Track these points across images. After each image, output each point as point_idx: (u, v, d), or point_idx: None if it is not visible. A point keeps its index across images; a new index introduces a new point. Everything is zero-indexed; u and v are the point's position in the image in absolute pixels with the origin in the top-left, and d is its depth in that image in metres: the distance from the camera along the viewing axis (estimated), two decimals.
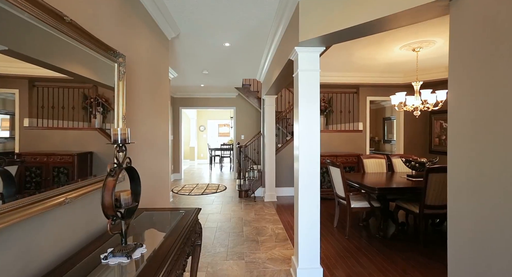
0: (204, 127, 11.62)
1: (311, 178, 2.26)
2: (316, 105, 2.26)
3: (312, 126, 2.25)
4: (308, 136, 2.25)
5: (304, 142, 2.25)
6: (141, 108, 2.14)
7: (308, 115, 2.25)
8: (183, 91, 7.26)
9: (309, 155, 2.26)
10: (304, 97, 2.25)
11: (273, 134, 5.13)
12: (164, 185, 2.81)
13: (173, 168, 7.42)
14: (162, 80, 2.79)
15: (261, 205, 4.79)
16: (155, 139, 2.52)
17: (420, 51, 3.46)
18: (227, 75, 5.25)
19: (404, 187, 2.97)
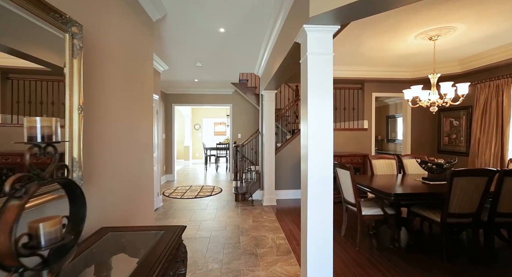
0: (199, 126, 11.18)
1: (323, 185, 1.88)
2: (328, 96, 1.87)
3: (324, 122, 1.87)
4: (319, 135, 1.86)
5: (314, 142, 1.86)
6: (112, 99, 1.73)
7: (319, 109, 1.86)
8: (176, 87, 6.83)
9: (320, 158, 1.87)
10: (314, 87, 1.86)
11: (272, 133, 4.74)
12: (145, 192, 2.40)
13: (165, 169, 7.00)
14: (145, 69, 2.37)
15: (260, 209, 4.40)
16: (134, 137, 2.11)
17: (438, 40, 3.09)
18: (222, 68, 4.85)
19: (424, 192, 2.60)
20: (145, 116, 2.41)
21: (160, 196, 4.59)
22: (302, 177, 2.00)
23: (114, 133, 1.76)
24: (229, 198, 5.15)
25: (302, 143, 2.00)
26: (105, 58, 1.64)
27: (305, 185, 1.91)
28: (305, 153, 1.91)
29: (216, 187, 6.15)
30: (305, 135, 1.93)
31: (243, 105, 7.22)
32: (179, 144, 10.80)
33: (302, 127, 2.01)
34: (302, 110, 2.01)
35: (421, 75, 4.59)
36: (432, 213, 2.68)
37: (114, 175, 1.75)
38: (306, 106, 1.89)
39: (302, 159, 2.01)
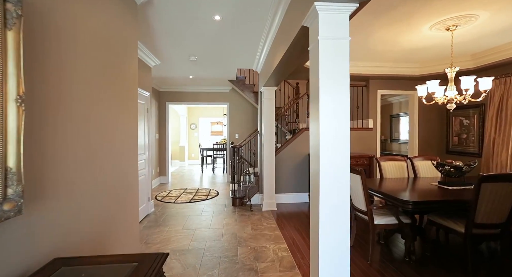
0: (195, 125, 10.84)
1: (337, 196, 1.57)
2: (344, 89, 1.56)
3: (339, 120, 1.56)
4: (333, 135, 1.55)
5: (327, 144, 1.55)
6: (79, 93, 1.40)
7: (333, 104, 1.55)
8: (170, 84, 6.49)
9: (334, 163, 1.56)
10: (327, 78, 1.54)
11: (272, 132, 4.43)
12: (127, 206, 2.06)
13: (159, 170, 6.65)
14: (127, 60, 2.05)
15: (259, 215, 4.09)
16: (111, 139, 1.78)
17: (456, 30, 2.80)
18: (218, 63, 4.52)
19: (446, 200, 2.31)
20: (129, 115, 2.08)
21: (151, 201, 4.25)
22: (312, 186, 1.69)
23: (81, 134, 1.43)
24: (226, 202, 4.83)
25: (311, 144, 1.69)
26: (68, 40, 1.31)
27: (316, 195, 1.60)
28: (316, 157, 1.60)
29: (213, 190, 5.83)
30: (315, 135, 1.62)
31: (241, 103, 6.90)
32: (175, 144, 10.46)
33: (311, 126, 1.70)
34: (311, 105, 1.70)
35: (430, 71, 4.31)
36: (454, 222, 2.39)
37: (79, 187, 1.42)
38: (316, 101, 1.58)
39: (311, 163, 1.70)
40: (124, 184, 2.00)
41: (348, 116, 1.56)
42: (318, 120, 1.55)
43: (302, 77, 5.00)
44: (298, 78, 5.15)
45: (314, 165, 1.63)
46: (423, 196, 2.43)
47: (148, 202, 4.11)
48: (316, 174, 1.61)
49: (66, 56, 1.29)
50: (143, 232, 3.37)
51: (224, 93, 6.91)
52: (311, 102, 1.70)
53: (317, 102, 1.58)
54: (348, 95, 1.55)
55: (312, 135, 1.68)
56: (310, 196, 1.72)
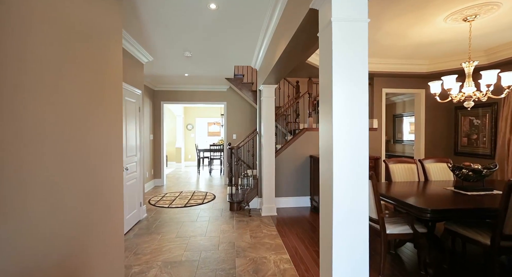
0: (192, 126, 10.57)
1: (356, 205, 1.31)
2: (363, 80, 1.31)
3: (356, 116, 1.31)
4: (349, 134, 1.30)
5: (342, 145, 1.29)
6: (44, 86, 1.14)
7: (350, 97, 1.30)
8: (165, 83, 6.22)
9: (350, 167, 1.30)
10: (342, 67, 1.30)
11: (272, 133, 4.17)
12: (107, 225, 1.79)
13: (153, 173, 6.37)
14: (107, 50, 1.78)
15: (258, 221, 3.83)
16: (87, 143, 1.52)
17: (475, 21, 2.57)
18: (215, 59, 4.27)
19: (470, 208, 2.06)
20: (111, 113, 1.82)
21: (143, 207, 3.97)
22: (323, 194, 1.43)
23: (44, 137, 1.17)
24: (223, 207, 4.56)
25: (322, 147, 1.44)
26: (21, 20, 1.05)
27: (327, 205, 1.35)
28: (327, 162, 1.35)
29: (209, 193, 5.56)
30: (326, 137, 1.37)
31: (239, 103, 6.65)
32: (171, 145, 10.18)
33: (321, 126, 1.44)
34: (321, 102, 1.45)
35: (440, 68, 4.09)
36: (476, 232, 2.15)
37: (37, 204, 1.15)
38: (328, 97, 1.33)
39: (321, 169, 1.45)
40: (104, 193, 1.73)
41: (367, 114, 1.31)
42: (331, 119, 1.30)
43: (303, 75, 4.77)
44: (298, 76, 4.91)
45: (325, 171, 1.38)
46: (441, 203, 2.18)
47: (139, 208, 3.83)
48: (327, 182, 1.35)
49: (17, 36, 1.03)
50: (133, 241, 3.10)
51: (221, 92, 6.66)
52: (321, 98, 1.45)
53: (328, 98, 1.33)
54: (367, 89, 1.30)
55: (322, 136, 1.43)
56: (321, 205, 1.46)
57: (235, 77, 5.62)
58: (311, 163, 4.49)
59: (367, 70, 1.30)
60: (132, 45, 3.44)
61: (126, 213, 3.34)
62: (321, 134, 1.45)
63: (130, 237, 3.22)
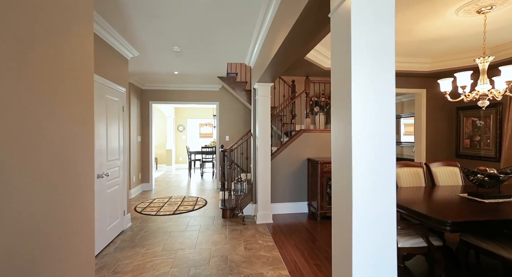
0: (183, 127, 10.21)
1: (378, 224, 1.05)
2: (389, 70, 1.05)
3: (382, 114, 1.04)
4: (373, 136, 1.04)
5: (364, 149, 1.03)
6: None
7: (373, 91, 1.04)
8: (154, 82, 5.88)
9: (375, 176, 1.04)
10: (364, 52, 1.03)
11: (268, 134, 3.91)
12: (69, 238, 1.47)
13: (141, 177, 6.01)
14: (71, 33, 1.48)
15: (253, 230, 3.54)
16: (39, 149, 1.21)
17: (490, 12, 2.37)
18: (206, 55, 3.97)
19: (497, 220, 1.82)
20: (76, 113, 1.51)
21: (127, 215, 3.63)
22: (336, 208, 1.16)
23: None
24: (215, 214, 4.26)
25: (335, 148, 1.17)
26: None
27: (345, 221, 1.08)
28: (344, 169, 1.08)
29: (200, 199, 5.24)
30: (342, 137, 1.10)
31: (232, 103, 6.36)
32: (161, 147, 9.80)
33: (335, 126, 1.18)
34: (334, 97, 1.18)
35: (443, 67, 3.91)
36: (499, 246, 1.92)
37: None
38: (345, 90, 1.07)
39: (335, 177, 1.18)
40: (67, 208, 1.41)
41: (394, 110, 1.05)
42: (348, 117, 1.04)
43: (299, 73, 4.53)
44: (295, 74, 4.67)
45: (340, 180, 1.11)
46: (461, 214, 1.94)
47: (123, 217, 3.49)
48: (344, 194, 1.08)
49: None
50: (113, 256, 2.77)
51: (214, 91, 6.36)
52: (334, 93, 1.18)
53: (345, 91, 1.07)
54: (394, 78, 1.04)
55: (336, 139, 1.16)
56: (334, 222, 1.20)
57: (228, 75, 5.33)
58: (309, 166, 4.24)
59: (394, 56, 1.04)
60: (114, 37, 3.11)
61: (107, 224, 2.99)
62: (334, 136, 1.18)
63: (110, 251, 2.88)
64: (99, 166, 2.82)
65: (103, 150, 2.93)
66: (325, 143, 4.36)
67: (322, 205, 3.89)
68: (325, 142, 4.36)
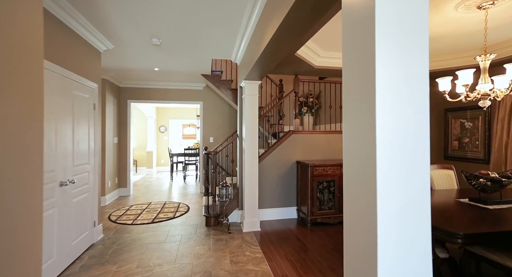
0: (165, 128, 9.74)
1: (414, 239, 0.82)
2: (423, 53, 0.83)
3: (414, 109, 0.82)
4: (403, 136, 0.82)
5: (392, 152, 0.80)
6: None
7: (405, 79, 0.81)
8: (132, 79, 5.46)
9: (406, 183, 0.82)
10: (391, 30, 0.80)
11: (255, 136, 3.66)
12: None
13: (118, 181, 5.55)
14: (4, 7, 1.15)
15: (239, 240, 3.27)
16: None
17: (491, 8, 2.26)
18: (189, 49, 3.66)
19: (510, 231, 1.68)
20: (16, 109, 1.18)
21: (99, 226, 3.24)
22: (351, 224, 0.93)
23: None
24: (197, 222, 3.94)
25: (350, 153, 0.94)
26: None
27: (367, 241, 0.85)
28: (364, 176, 0.85)
29: (182, 205, 4.89)
30: (361, 139, 0.87)
31: (217, 103, 6.06)
32: (141, 149, 9.29)
33: (348, 124, 0.95)
34: (348, 86, 0.95)
35: (435, 67, 3.84)
36: (509, 257, 1.78)
37: None
38: (366, 76, 0.84)
39: (349, 189, 0.95)
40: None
41: (428, 100, 0.83)
42: (371, 113, 0.81)
43: (288, 71, 4.32)
44: (283, 72, 4.45)
45: (359, 194, 0.88)
46: (471, 224, 1.78)
47: (93, 228, 3.10)
48: (365, 210, 0.85)
49: None
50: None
51: (197, 90, 6.03)
52: (348, 83, 0.95)
53: (366, 80, 0.84)
54: (428, 59, 0.82)
55: (351, 142, 0.93)
56: (346, 240, 0.95)
57: (212, 73, 5.04)
58: (298, 169, 4.03)
59: (428, 37, 0.82)
60: (83, 26, 2.74)
61: (71, 238, 2.60)
62: (348, 135, 0.95)
63: (75, 270, 2.50)
64: (62, 172, 2.44)
65: (68, 153, 2.55)
66: (315, 145, 4.18)
67: (313, 210, 3.69)
68: (315, 144, 4.18)
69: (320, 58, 3.71)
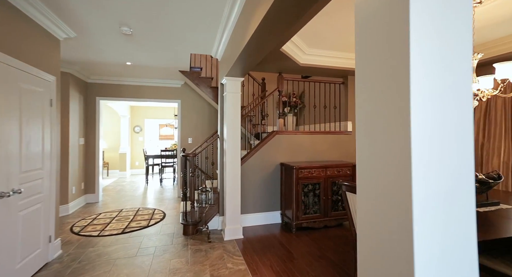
0: (140, 128, 9.17)
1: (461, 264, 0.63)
2: (467, 17, 0.64)
3: (456, 96, 0.63)
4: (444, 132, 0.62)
5: (431, 152, 0.60)
6: None
7: (442, 43, 0.62)
8: (102, 74, 4.98)
9: (449, 192, 0.62)
10: None
11: (238, 136, 3.41)
12: None
13: (84, 187, 5.03)
14: None
15: (220, 249, 3.00)
16: None
17: (478, 7, 2.20)
18: (165, 42, 3.34)
19: None
20: None
21: (56, 241, 2.81)
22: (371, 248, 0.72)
23: None
24: (174, 230, 3.61)
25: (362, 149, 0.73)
26: None
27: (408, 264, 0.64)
28: (396, 190, 0.64)
29: (158, 211, 4.51)
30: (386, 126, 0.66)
31: (196, 101, 5.73)
32: (113, 151, 8.66)
33: (363, 119, 0.75)
34: (361, 75, 0.75)
35: None
36: (504, 263, 1.69)
37: None
38: (392, 59, 0.63)
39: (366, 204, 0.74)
40: None
41: (471, 88, 0.64)
42: (404, 96, 0.60)
43: (271, 69, 4.12)
44: (266, 69, 4.25)
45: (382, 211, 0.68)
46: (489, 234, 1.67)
47: (48, 244, 2.67)
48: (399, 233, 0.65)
49: None
50: None
51: (175, 88, 5.66)
52: (359, 67, 0.75)
53: (394, 60, 0.63)
54: (471, 38, 0.64)
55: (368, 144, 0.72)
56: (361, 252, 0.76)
57: (191, 70, 4.72)
58: (282, 172, 3.84)
59: (471, 7, 0.63)
60: (36, 8, 2.34)
61: (16, 260, 2.17)
62: (363, 139, 0.74)
63: None
64: (3, 181, 2.03)
65: (12, 158, 2.13)
66: (300, 146, 4.02)
67: (298, 215, 3.51)
68: (299, 145, 4.01)
69: (306, 56, 3.56)
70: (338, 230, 3.59)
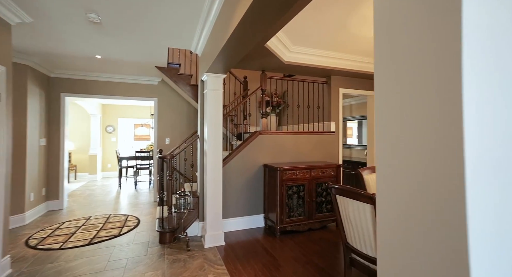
0: (113, 128, 8.59)
1: None
2: None
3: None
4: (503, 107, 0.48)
5: (493, 151, 0.46)
6: None
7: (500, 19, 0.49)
8: (67, 68, 4.52)
9: None
10: None
11: (219, 136, 3.21)
12: None
13: (46, 193, 4.53)
14: None
15: (201, 258, 2.77)
16: None
17: None
18: (139, 34, 3.05)
19: None
20: None
21: (4, 259, 2.41)
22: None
23: None
24: (149, 238, 3.32)
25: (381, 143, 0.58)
26: None
27: None
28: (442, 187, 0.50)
29: (131, 217, 4.16)
30: (422, 117, 0.52)
31: (173, 100, 5.42)
32: (82, 152, 8.04)
33: (383, 115, 0.60)
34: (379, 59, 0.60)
35: None
36: None
37: None
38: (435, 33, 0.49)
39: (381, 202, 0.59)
40: None
41: None
42: (456, 84, 0.46)
43: (254, 66, 3.96)
44: (248, 67, 4.07)
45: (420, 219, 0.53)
46: None
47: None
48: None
49: None
50: None
51: (151, 85, 5.31)
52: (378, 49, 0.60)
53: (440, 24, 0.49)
54: None
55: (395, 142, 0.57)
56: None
57: (169, 66, 4.42)
58: (266, 174, 3.69)
59: None
60: None
61: None
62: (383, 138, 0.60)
63: None
64: None
65: None
66: (283, 147, 3.89)
67: (282, 218, 3.38)
68: (283, 146, 3.89)
69: (290, 53, 3.44)
70: (322, 233, 3.51)
